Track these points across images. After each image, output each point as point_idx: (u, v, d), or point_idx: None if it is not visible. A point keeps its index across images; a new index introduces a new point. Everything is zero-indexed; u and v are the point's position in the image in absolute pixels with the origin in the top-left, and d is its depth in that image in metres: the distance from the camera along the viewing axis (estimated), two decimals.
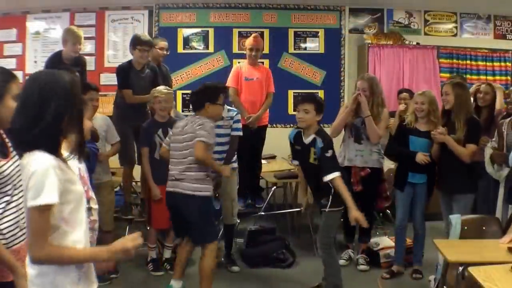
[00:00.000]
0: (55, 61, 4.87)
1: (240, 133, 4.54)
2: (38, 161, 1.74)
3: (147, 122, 4.53)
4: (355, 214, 3.52)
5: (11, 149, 2.22)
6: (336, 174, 3.57)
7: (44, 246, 1.74)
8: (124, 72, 4.95)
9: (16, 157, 2.22)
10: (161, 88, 4.54)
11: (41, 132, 1.75)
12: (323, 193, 3.72)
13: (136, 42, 4.91)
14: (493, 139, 4.20)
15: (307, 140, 3.74)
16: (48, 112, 1.74)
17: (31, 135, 1.74)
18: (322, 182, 3.64)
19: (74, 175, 1.88)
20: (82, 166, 2.23)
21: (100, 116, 4.38)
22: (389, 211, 5.45)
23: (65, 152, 1.87)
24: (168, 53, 5.48)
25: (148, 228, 4.65)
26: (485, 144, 4.22)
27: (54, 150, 1.78)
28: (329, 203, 3.67)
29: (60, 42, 5.02)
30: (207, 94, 3.82)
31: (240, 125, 4.60)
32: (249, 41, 5.41)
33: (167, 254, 4.59)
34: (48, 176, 1.72)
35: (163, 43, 5.44)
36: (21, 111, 1.78)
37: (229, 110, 4.57)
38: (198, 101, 3.80)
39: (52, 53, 5.15)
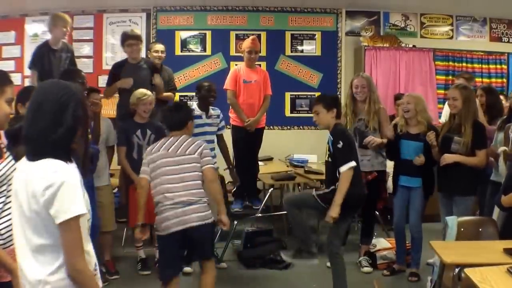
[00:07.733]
0: (44, 48, 4.85)
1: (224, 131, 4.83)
2: (65, 171, 1.70)
3: (125, 122, 4.58)
4: (333, 214, 3.47)
5: (5, 149, 2.22)
6: (350, 165, 3.45)
7: (84, 256, 1.72)
8: (114, 68, 5.09)
9: (10, 157, 2.23)
10: (144, 91, 4.52)
11: (60, 138, 1.72)
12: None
13: (124, 38, 5.01)
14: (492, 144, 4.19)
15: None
16: (66, 118, 1.73)
17: (51, 140, 1.71)
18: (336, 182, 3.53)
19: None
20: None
21: (101, 118, 4.40)
22: (377, 213, 5.44)
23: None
24: (164, 55, 5.49)
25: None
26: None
27: (67, 158, 1.75)
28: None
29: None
30: (188, 112, 3.72)
31: (224, 123, 4.86)
32: (247, 44, 5.38)
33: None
34: (78, 186, 1.71)
35: (157, 46, 5.48)
36: (37, 118, 1.73)
37: (213, 109, 4.71)
38: (180, 119, 3.62)
39: (38, 44, 5.11)
